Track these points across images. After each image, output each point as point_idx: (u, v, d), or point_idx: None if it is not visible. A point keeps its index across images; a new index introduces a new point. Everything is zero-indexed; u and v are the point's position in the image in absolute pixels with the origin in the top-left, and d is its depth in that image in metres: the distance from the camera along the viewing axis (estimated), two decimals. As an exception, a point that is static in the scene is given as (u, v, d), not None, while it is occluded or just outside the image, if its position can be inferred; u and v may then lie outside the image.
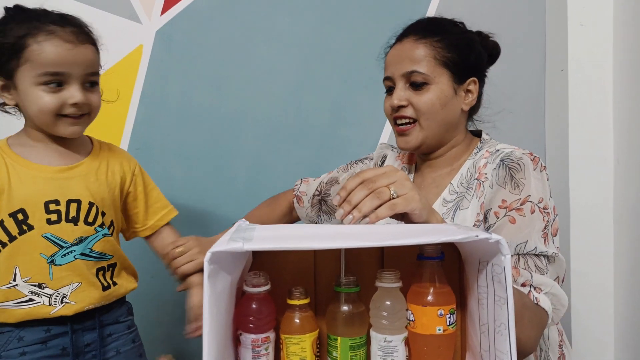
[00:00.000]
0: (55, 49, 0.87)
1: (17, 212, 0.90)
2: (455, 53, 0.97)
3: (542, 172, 0.91)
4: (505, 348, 0.57)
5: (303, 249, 0.56)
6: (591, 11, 1.44)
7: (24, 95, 0.89)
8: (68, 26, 0.90)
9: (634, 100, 1.35)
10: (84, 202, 0.94)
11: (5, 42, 0.87)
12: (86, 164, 0.97)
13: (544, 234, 0.87)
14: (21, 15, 0.90)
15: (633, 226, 1.35)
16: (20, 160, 0.92)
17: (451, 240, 0.58)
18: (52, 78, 0.88)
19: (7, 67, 0.89)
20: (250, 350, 0.65)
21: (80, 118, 0.92)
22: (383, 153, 1.19)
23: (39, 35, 0.87)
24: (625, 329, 1.38)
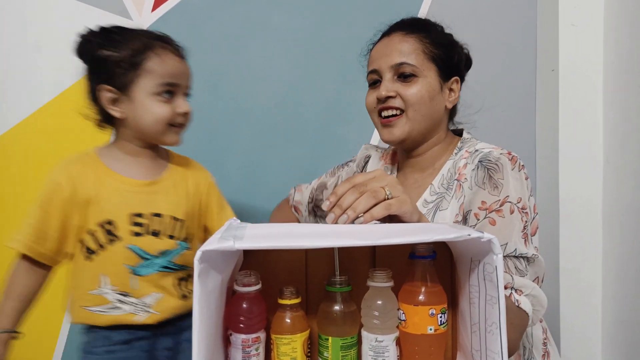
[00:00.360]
0: (171, 61, 0.95)
1: (106, 222, 0.93)
2: (442, 50, 0.98)
3: (520, 171, 0.91)
4: (497, 347, 0.57)
5: (295, 247, 0.56)
6: (582, 11, 1.45)
7: (139, 106, 0.93)
8: (171, 43, 0.98)
9: (623, 100, 1.36)
10: (166, 217, 0.97)
11: (121, 56, 0.92)
12: (167, 179, 1.01)
13: (524, 235, 0.87)
14: (129, 33, 0.95)
15: (621, 225, 1.36)
16: (110, 173, 0.96)
17: (443, 239, 0.57)
18: (167, 88, 0.94)
19: (122, 80, 0.93)
20: (240, 351, 0.65)
21: (182, 127, 0.99)
22: (366, 154, 1.19)
23: (157, 48, 0.94)
24: (612, 327, 1.40)
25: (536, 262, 0.87)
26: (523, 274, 0.85)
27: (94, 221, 0.93)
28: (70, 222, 0.94)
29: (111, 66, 0.93)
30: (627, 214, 1.34)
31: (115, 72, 0.93)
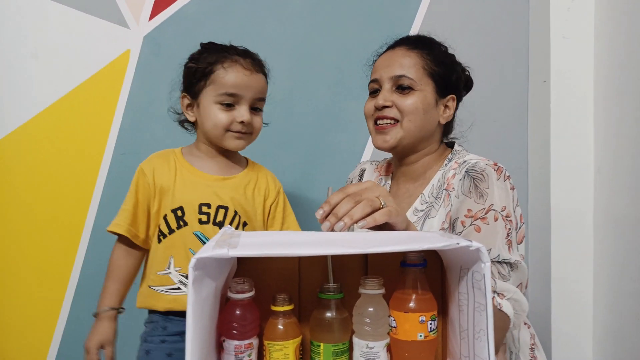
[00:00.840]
0: (236, 74, 1.06)
1: (178, 209, 1.06)
2: (442, 68, 1.03)
3: (505, 181, 0.95)
4: (484, 354, 0.58)
5: (288, 255, 0.57)
6: (573, 24, 1.47)
7: (203, 111, 1.07)
8: (248, 58, 1.08)
9: (614, 111, 1.38)
10: (230, 210, 1.08)
11: (198, 67, 1.07)
12: (238, 179, 1.13)
13: (508, 241, 0.90)
14: (214, 48, 1.10)
15: (612, 234, 1.37)
16: (188, 167, 1.10)
17: (433, 248, 0.59)
18: (228, 98, 1.05)
19: (195, 88, 1.08)
20: (233, 357, 0.65)
21: (244, 135, 1.08)
22: (361, 168, 1.24)
23: (226, 62, 1.06)
24: (603, 335, 1.41)
25: (519, 268, 0.90)
26: (506, 278, 0.88)
27: (168, 208, 1.06)
28: (151, 207, 1.07)
29: (190, 76, 1.09)
30: (618, 223, 1.35)
31: (191, 82, 1.08)
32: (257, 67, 1.09)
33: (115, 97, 1.52)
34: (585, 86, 1.47)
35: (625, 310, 1.31)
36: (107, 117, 1.52)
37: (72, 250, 1.52)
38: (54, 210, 1.51)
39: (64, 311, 1.52)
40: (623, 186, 1.33)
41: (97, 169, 1.52)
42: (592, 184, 1.45)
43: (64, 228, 1.51)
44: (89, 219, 1.52)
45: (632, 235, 1.29)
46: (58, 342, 1.52)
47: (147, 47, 1.51)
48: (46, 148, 1.50)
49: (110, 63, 1.51)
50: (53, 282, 1.51)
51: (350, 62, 1.14)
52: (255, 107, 1.09)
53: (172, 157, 1.12)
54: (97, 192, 1.52)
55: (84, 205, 1.52)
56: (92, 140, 1.52)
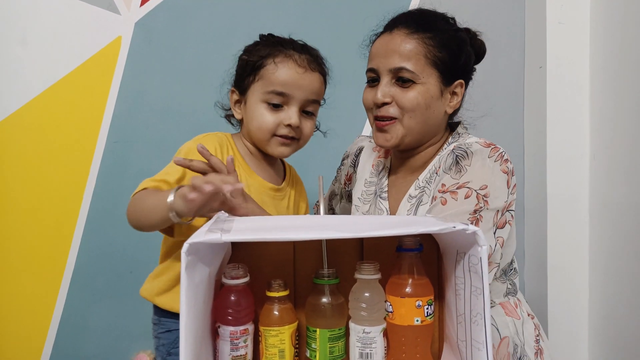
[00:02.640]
0: (287, 71, 0.93)
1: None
2: (446, 53, 0.94)
3: (497, 162, 0.89)
4: (481, 338, 0.57)
5: (282, 240, 0.56)
6: (569, 9, 1.46)
7: (249, 110, 0.96)
8: (305, 54, 0.96)
9: (610, 97, 1.37)
10: None
11: (249, 60, 0.96)
12: (285, 190, 1.02)
13: (472, 218, 0.85)
14: (270, 40, 0.99)
15: (608, 221, 1.38)
16: (244, 164, 0.97)
17: (429, 232, 0.58)
18: (276, 97, 0.93)
19: (244, 83, 0.97)
20: (228, 343, 0.65)
21: (291, 140, 0.96)
22: (359, 145, 1.17)
23: (278, 56, 0.94)
24: (599, 323, 1.42)
25: None
26: None
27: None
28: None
29: (241, 70, 0.98)
30: (613, 210, 1.35)
31: (242, 76, 0.98)
32: (313, 65, 0.96)
33: (107, 85, 1.50)
34: (581, 72, 1.46)
35: (620, 297, 1.32)
36: (99, 106, 1.50)
37: (66, 240, 1.51)
38: (47, 200, 1.49)
39: (59, 303, 1.51)
40: (618, 172, 1.33)
41: (90, 158, 1.50)
42: (588, 171, 1.45)
43: (57, 218, 1.50)
44: (83, 208, 1.51)
45: (627, 222, 1.29)
46: (54, 336, 1.51)
47: (139, 34, 1.49)
48: (37, 137, 1.48)
49: (101, 50, 1.48)
50: (47, 273, 1.50)
51: (345, 46, 1.11)
52: (306, 110, 0.97)
53: (230, 144, 0.98)
54: (90, 181, 1.50)
55: (77, 194, 1.50)
56: (84, 129, 1.50)
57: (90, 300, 1.50)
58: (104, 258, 1.50)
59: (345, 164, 1.20)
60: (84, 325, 1.51)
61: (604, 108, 1.40)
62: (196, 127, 1.49)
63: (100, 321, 1.51)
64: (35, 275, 1.49)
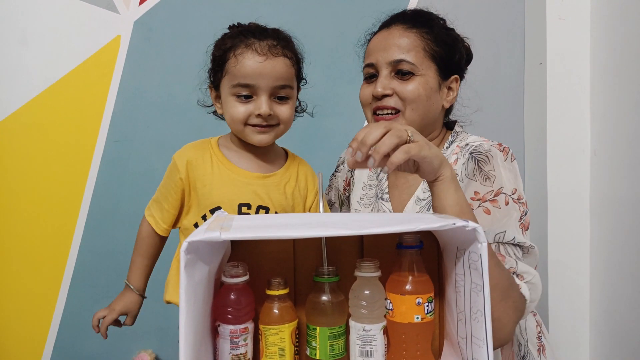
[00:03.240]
0: (247, 62, 0.92)
1: (216, 209, 0.94)
2: (443, 48, 0.95)
3: (512, 162, 0.90)
4: (482, 335, 0.57)
5: (282, 237, 0.56)
6: (569, 5, 1.46)
7: (224, 104, 0.97)
8: (267, 39, 0.94)
9: (610, 92, 1.37)
10: (271, 211, 0.97)
11: (216, 55, 0.96)
12: (279, 176, 1.01)
13: (521, 225, 0.86)
14: (235, 31, 0.97)
15: (608, 216, 1.37)
16: (226, 162, 0.98)
17: (429, 229, 0.58)
18: (242, 89, 0.93)
19: (216, 79, 0.98)
20: (228, 341, 0.65)
21: (268, 128, 0.96)
22: None
23: (238, 48, 0.93)
24: (600, 317, 1.42)
25: (531, 253, 0.87)
26: (520, 260, 0.85)
27: (207, 207, 0.95)
28: (185, 203, 0.98)
29: (212, 65, 0.99)
30: (614, 204, 1.35)
31: (212, 71, 0.98)
32: (274, 50, 0.94)
33: (107, 84, 1.50)
34: (581, 68, 1.45)
35: (621, 292, 1.32)
36: (99, 105, 1.50)
37: (66, 240, 1.51)
38: (47, 199, 1.49)
39: (60, 302, 1.52)
40: (619, 168, 1.33)
41: (90, 157, 1.51)
42: (589, 166, 1.45)
43: (57, 217, 1.50)
44: (83, 207, 1.51)
45: (628, 217, 1.28)
46: (54, 335, 1.51)
47: (138, 33, 1.49)
48: (37, 137, 1.48)
49: (101, 49, 1.49)
50: (48, 272, 1.50)
51: (345, 44, 1.11)
52: (279, 95, 0.96)
53: (209, 149, 1.00)
54: (90, 180, 1.50)
55: (77, 193, 1.51)
56: (84, 128, 1.50)
57: (92, 300, 1.51)
58: (105, 257, 1.50)
59: (341, 170, 1.18)
60: (84, 325, 1.50)
61: (604, 104, 1.40)
62: (196, 125, 1.50)
63: (101, 320, 1.51)
64: (36, 275, 1.50)
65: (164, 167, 1.52)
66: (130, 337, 1.51)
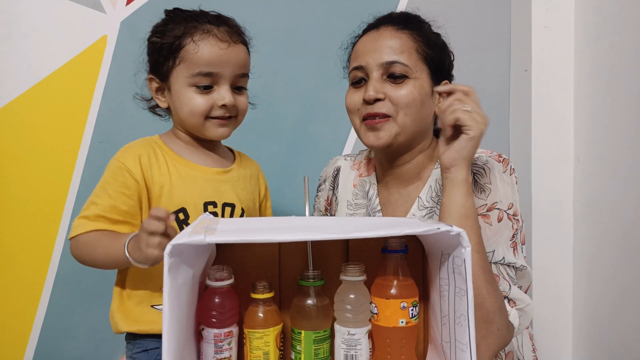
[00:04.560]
0: (210, 48, 0.86)
1: (179, 211, 0.87)
2: (435, 51, 0.91)
3: (511, 175, 0.87)
4: (465, 339, 0.58)
5: (267, 241, 0.56)
6: (554, 13, 1.48)
7: (176, 96, 0.89)
8: (223, 25, 0.89)
9: (594, 99, 1.39)
10: (237, 208, 0.92)
11: (164, 43, 0.88)
12: (235, 171, 0.96)
13: (513, 243, 0.83)
14: (180, 16, 0.90)
15: (592, 222, 1.39)
16: (179, 159, 0.91)
17: (413, 233, 0.58)
18: (203, 79, 0.87)
19: (163, 68, 0.89)
20: (212, 345, 0.64)
21: (228, 120, 0.91)
22: (335, 166, 1.09)
23: (196, 34, 0.87)
24: (582, 323, 1.43)
25: (524, 273, 0.84)
26: (514, 282, 0.83)
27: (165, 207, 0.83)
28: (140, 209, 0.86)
29: (155, 54, 0.90)
30: (597, 211, 1.37)
31: (158, 61, 0.89)
32: (235, 37, 0.89)
33: (92, 85, 1.48)
34: (565, 75, 1.47)
35: (603, 298, 1.34)
36: (84, 105, 1.48)
37: (50, 241, 1.48)
38: (30, 200, 1.47)
39: (42, 304, 1.49)
40: (602, 175, 1.35)
41: (74, 158, 1.48)
42: (572, 173, 1.47)
43: (40, 218, 1.47)
44: (67, 208, 1.49)
45: (611, 224, 1.30)
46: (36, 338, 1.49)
47: (125, 33, 1.47)
48: (21, 137, 1.45)
49: (86, 49, 1.47)
50: (30, 274, 1.48)
51: (333, 49, 1.11)
52: (237, 85, 0.91)
53: (157, 147, 0.91)
54: (74, 181, 1.48)
55: (61, 194, 1.48)
56: (69, 129, 1.48)
57: (74, 302, 1.48)
58: (88, 259, 1.48)
59: (323, 189, 1.11)
60: (67, 328, 1.48)
61: (588, 111, 1.42)
62: (183, 127, 1.49)
63: (84, 323, 1.48)
64: (17, 277, 1.47)
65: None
66: (112, 341, 1.49)
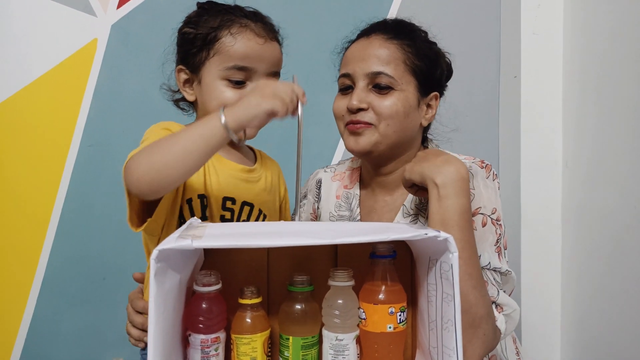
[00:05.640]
0: (247, 42, 0.84)
1: (203, 196, 0.84)
2: (425, 62, 0.91)
3: (494, 180, 0.88)
4: (452, 344, 0.58)
5: (255, 246, 0.56)
6: (543, 21, 1.50)
7: (206, 89, 0.86)
8: (259, 21, 0.87)
9: (582, 105, 1.41)
10: (255, 208, 0.90)
11: (198, 34, 0.85)
12: (258, 171, 0.93)
13: (497, 248, 0.84)
14: (215, 9, 0.88)
15: (580, 227, 1.41)
16: None
17: (401, 238, 0.58)
18: (237, 73, 0.84)
19: (195, 60, 0.86)
20: (199, 351, 0.64)
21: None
22: (316, 178, 1.09)
23: (233, 27, 0.85)
24: (571, 326, 1.44)
25: (508, 278, 0.85)
26: (500, 287, 0.83)
27: (195, 191, 0.83)
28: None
29: (187, 45, 0.87)
30: (585, 215, 1.38)
31: (189, 52, 0.87)
32: (271, 34, 0.88)
33: (82, 88, 1.47)
34: (554, 81, 1.49)
35: (592, 302, 1.35)
36: (73, 109, 1.48)
37: (37, 245, 1.47)
38: (18, 203, 1.45)
39: (28, 308, 1.47)
40: (591, 180, 1.36)
41: (63, 161, 1.48)
42: (561, 178, 1.48)
43: (28, 222, 1.46)
44: (55, 212, 1.48)
45: (599, 228, 1.32)
46: (22, 342, 1.47)
47: (115, 37, 1.47)
48: (9, 140, 1.44)
49: (76, 52, 1.46)
50: (17, 277, 1.46)
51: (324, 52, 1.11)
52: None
53: None
54: (63, 185, 1.47)
55: (49, 198, 1.47)
56: (58, 132, 1.47)
57: (62, 307, 1.47)
58: (76, 263, 1.47)
59: (305, 202, 1.10)
60: (54, 332, 1.47)
61: (576, 116, 1.43)
62: (173, 131, 1.48)
63: (72, 328, 1.47)
64: (4, 280, 1.45)
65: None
66: (101, 344, 1.48)
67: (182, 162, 0.69)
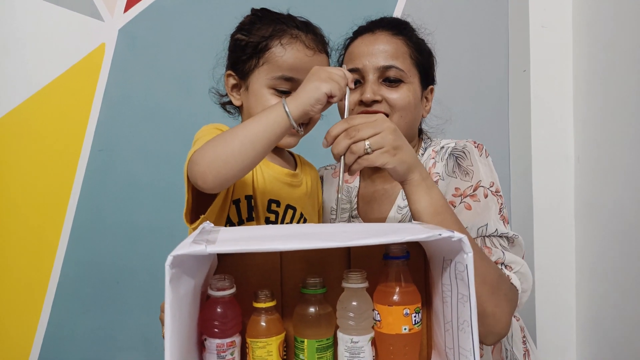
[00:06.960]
0: (297, 54, 0.85)
1: (250, 197, 0.86)
2: (424, 57, 0.96)
3: (487, 157, 0.92)
4: (469, 345, 0.57)
5: (267, 250, 0.56)
6: (552, 13, 1.48)
7: (253, 96, 0.87)
8: (310, 33, 0.88)
9: (592, 98, 1.39)
10: (297, 212, 0.91)
11: (250, 41, 0.87)
12: (299, 175, 0.95)
13: (502, 216, 0.88)
14: (268, 17, 0.89)
15: (593, 222, 1.39)
16: None
17: (415, 240, 0.58)
18: (284, 83, 0.85)
19: (244, 67, 0.88)
20: (215, 356, 0.64)
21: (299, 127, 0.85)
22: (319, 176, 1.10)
23: (284, 37, 0.86)
24: (586, 324, 1.43)
25: (516, 242, 0.88)
26: (507, 250, 0.86)
27: (242, 192, 0.85)
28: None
29: (239, 51, 0.89)
30: (598, 210, 1.37)
31: (240, 58, 0.88)
32: (320, 46, 0.88)
33: (91, 93, 1.48)
34: (564, 75, 1.48)
35: (607, 298, 1.33)
36: (83, 114, 1.49)
37: (51, 250, 1.49)
38: (31, 209, 1.47)
39: (44, 313, 1.49)
40: (603, 174, 1.35)
41: (74, 166, 1.49)
42: (573, 173, 1.47)
43: (41, 227, 1.47)
44: (68, 217, 1.49)
45: (612, 223, 1.30)
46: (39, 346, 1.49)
47: (123, 41, 1.47)
48: (21, 146, 1.46)
49: (85, 57, 1.47)
50: (32, 283, 1.48)
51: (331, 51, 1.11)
52: None
53: None
54: (75, 190, 1.49)
55: (62, 203, 1.49)
56: (68, 137, 1.49)
57: (77, 311, 1.48)
58: (89, 268, 1.48)
59: None
60: (69, 336, 1.48)
61: (587, 110, 1.42)
62: (181, 134, 1.49)
63: (86, 332, 1.49)
64: (19, 285, 1.47)
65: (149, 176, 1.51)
66: (115, 347, 1.49)
67: (247, 153, 0.71)
